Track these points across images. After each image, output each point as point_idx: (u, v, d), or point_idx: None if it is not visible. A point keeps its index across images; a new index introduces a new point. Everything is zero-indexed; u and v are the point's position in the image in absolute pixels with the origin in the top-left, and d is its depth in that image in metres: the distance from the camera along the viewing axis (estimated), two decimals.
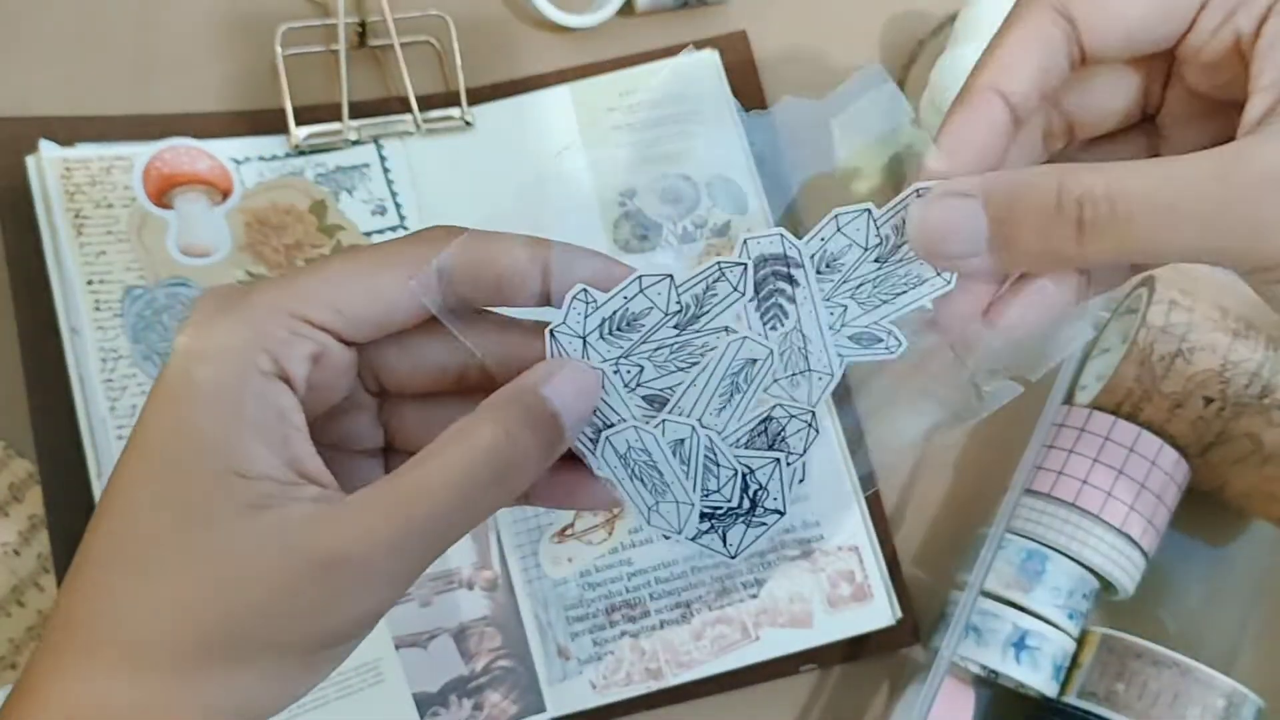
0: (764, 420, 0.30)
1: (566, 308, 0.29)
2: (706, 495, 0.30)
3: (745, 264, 0.30)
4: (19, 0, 0.54)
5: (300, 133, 0.51)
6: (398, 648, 0.48)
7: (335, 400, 0.30)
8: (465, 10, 0.55)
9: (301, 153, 0.52)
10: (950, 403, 0.33)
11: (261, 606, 0.26)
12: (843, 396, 0.51)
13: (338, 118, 0.52)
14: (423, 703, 0.47)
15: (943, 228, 0.28)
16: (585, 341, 0.30)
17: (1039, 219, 0.27)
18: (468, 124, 0.53)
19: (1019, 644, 0.47)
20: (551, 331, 0.30)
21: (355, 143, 0.52)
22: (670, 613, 0.49)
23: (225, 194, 0.50)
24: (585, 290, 0.29)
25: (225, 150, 0.51)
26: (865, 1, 0.58)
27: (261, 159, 0.51)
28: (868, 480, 0.47)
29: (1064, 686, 0.48)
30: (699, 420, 0.30)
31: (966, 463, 0.52)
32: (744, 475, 0.30)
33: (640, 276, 0.30)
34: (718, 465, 0.30)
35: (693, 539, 0.31)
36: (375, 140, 0.52)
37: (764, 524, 0.31)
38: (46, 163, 0.49)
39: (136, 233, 0.49)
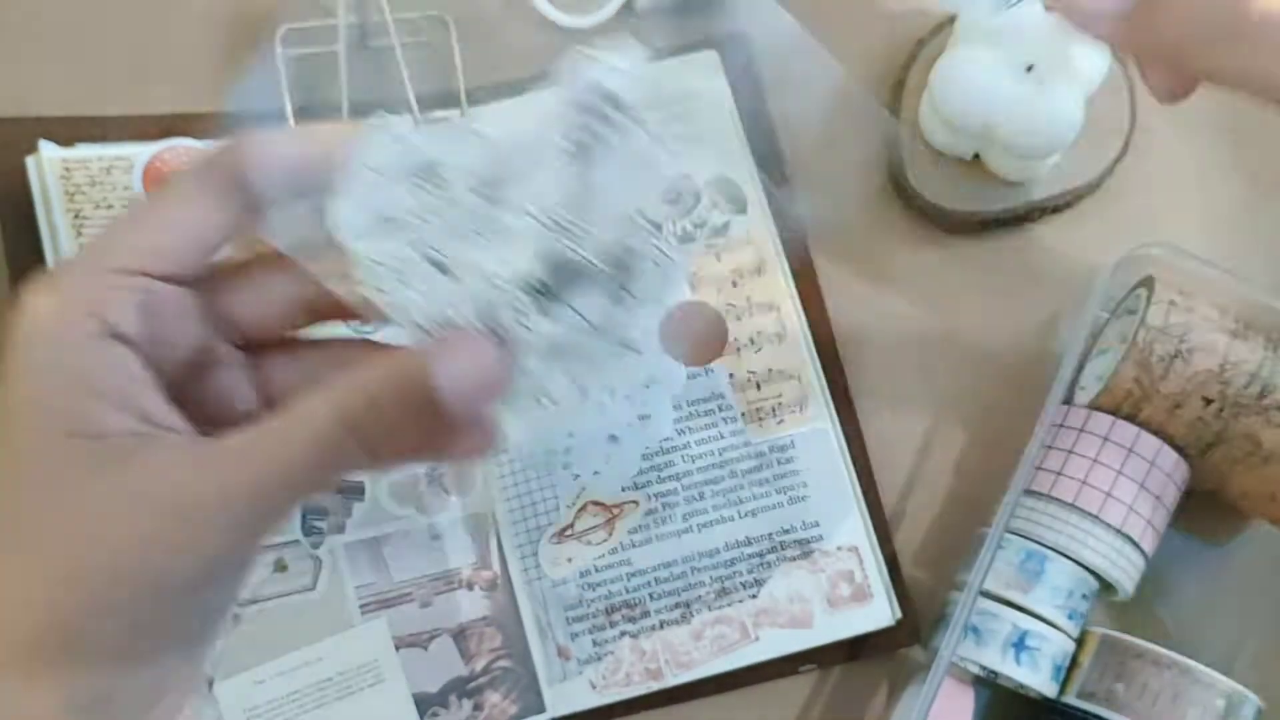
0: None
1: (369, 139, 0.28)
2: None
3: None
4: (20, 1, 0.54)
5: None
6: (397, 648, 0.48)
7: (188, 348, 0.30)
8: (465, 11, 0.55)
9: None
10: None
11: (115, 560, 0.26)
12: (843, 404, 0.51)
13: (338, 118, 0.52)
14: (422, 703, 0.48)
15: None
16: (383, 180, 0.28)
17: None
18: None
19: (1018, 644, 0.47)
20: (352, 164, 0.28)
21: None
22: (670, 613, 0.49)
23: None
24: (385, 117, 0.29)
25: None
26: (865, 2, 0.58)
27: None
28: None
29: (1064, 687, 0.48)
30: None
31: (966, 463, 0.52)
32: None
33: (437, 120, 0.29)
34: (529, 329, 0.28)
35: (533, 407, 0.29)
36: None
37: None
38: (46, 163, 0.49)
39: None
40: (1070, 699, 0.47)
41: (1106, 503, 0.47)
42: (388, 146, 0.28)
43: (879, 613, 0.49)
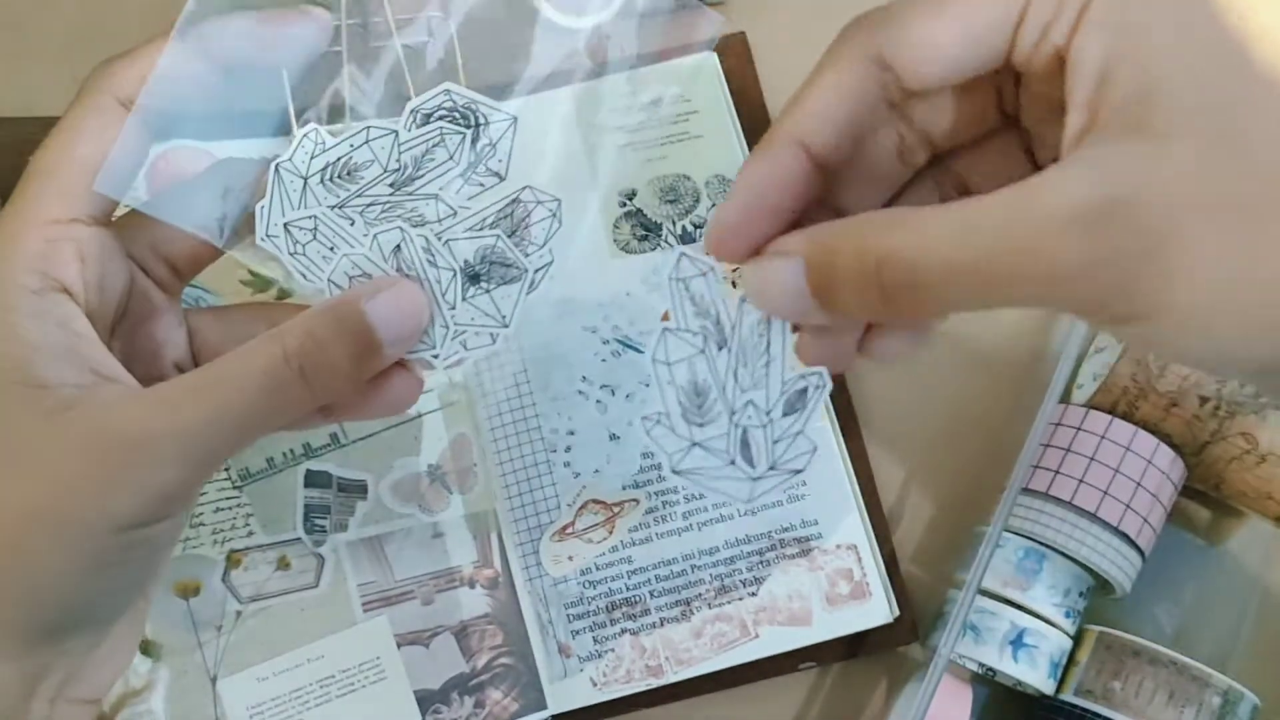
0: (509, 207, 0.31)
1: (295, 145, 0.30)
2: (444, 295, 0.31)
3: (464, 133, 0.31)
4: (22, 1, 0.54)
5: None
6: (399, 645, 0.48)
7: (121, 290, 0.31)
8: (466, 11, 0.55)
9: None
10: None
11: (71, 500, 0.27)
12: (841, 403, 0.52)
13: (340, 119, 0.52)
14: (424, 700, 0.48)
15: (769, 290, 0.28)
16: (306, 183, 0.31)
17: (853, 280, 0.25)
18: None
19: (1016, 642, 0.47)
20: (276, 166, 0.30)
21: None
22: (670, 610, 0.49)
23: None
24: (315, 129, 0.30)
25: (228, 151, 0.51)
26: (864, 3, 0.58)
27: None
28: None
29: (1061, 684, 0.48)
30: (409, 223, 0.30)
31: (964, 461, 0.53)
32: (464, 268, 0.31)
33: (369, 126, 0.31)
34: (437, 265, 0.31)
35: (460, 339, 0.31)
36: None
37: (532, 282, 0.31)
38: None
39: None
40: (1068, 696, 0.47)
41: (1104, 501, 0.48)
42: (306, 149, 0.31)
43: (878, 610, 0.49)
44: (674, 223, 0.53)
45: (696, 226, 0.53)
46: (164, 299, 0.33)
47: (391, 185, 0.31)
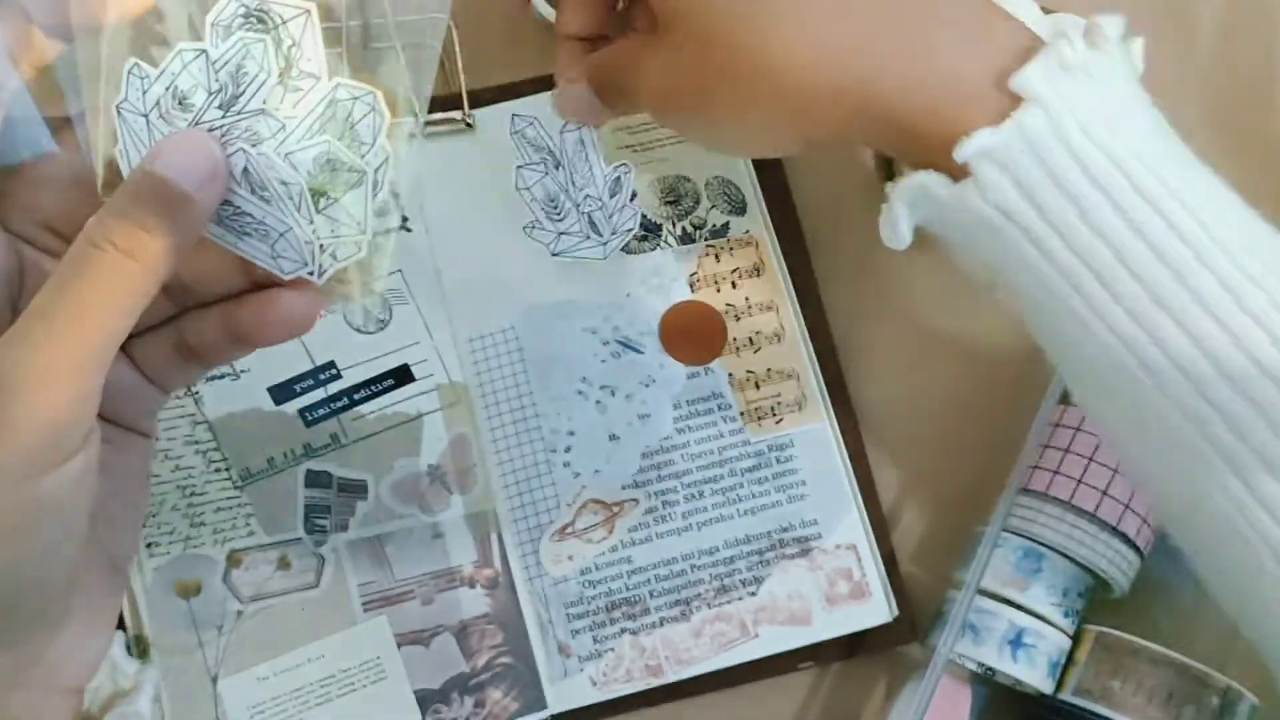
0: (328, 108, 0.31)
1: (124, 84, 0.30)
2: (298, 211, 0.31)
3: (264, 39, 0.30)
4: None
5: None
6: (399, 645, 0.48)
7: (4, 267, 0.31)
8: (467, 12, 0.55)
9: None
10: None
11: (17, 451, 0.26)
12: (841, 403, 0.52)
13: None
14: (424, 700, 0.48)
15: (570, 108, 0.42)
16: (148, 120, 0.30)
17: (608, 90, 0.40)
18: (469, 126, 0.53)
19: (1015, 641, 0.47)
20: (117, 108, 0.30)
21: None
22: (670, 610, 0.49)
23: None
24: (138, 65, 0.30)
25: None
26: None
27: None
28: None
29: (1060, 684, 0.48)
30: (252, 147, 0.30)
31: (963, 461, 0.53)
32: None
33: (180, 50, 0.30)
34: (285, 182, 0.30)
35: (329, 252, 0.31)
36: None
37: (375, 182, 0.31)
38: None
39: None
40: (1066, 696, 0.48)
41: (1103, 501, 0.48)
42: (137, 86, 0.30)
43: (877, 610, 0.50)
44: (674, 223, 0.53)
45: (697, 228, 0.53)
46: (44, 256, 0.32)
47: (220, 107, 0.30)
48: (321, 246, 0.31)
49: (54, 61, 0.32)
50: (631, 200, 0.49)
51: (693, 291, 0.52)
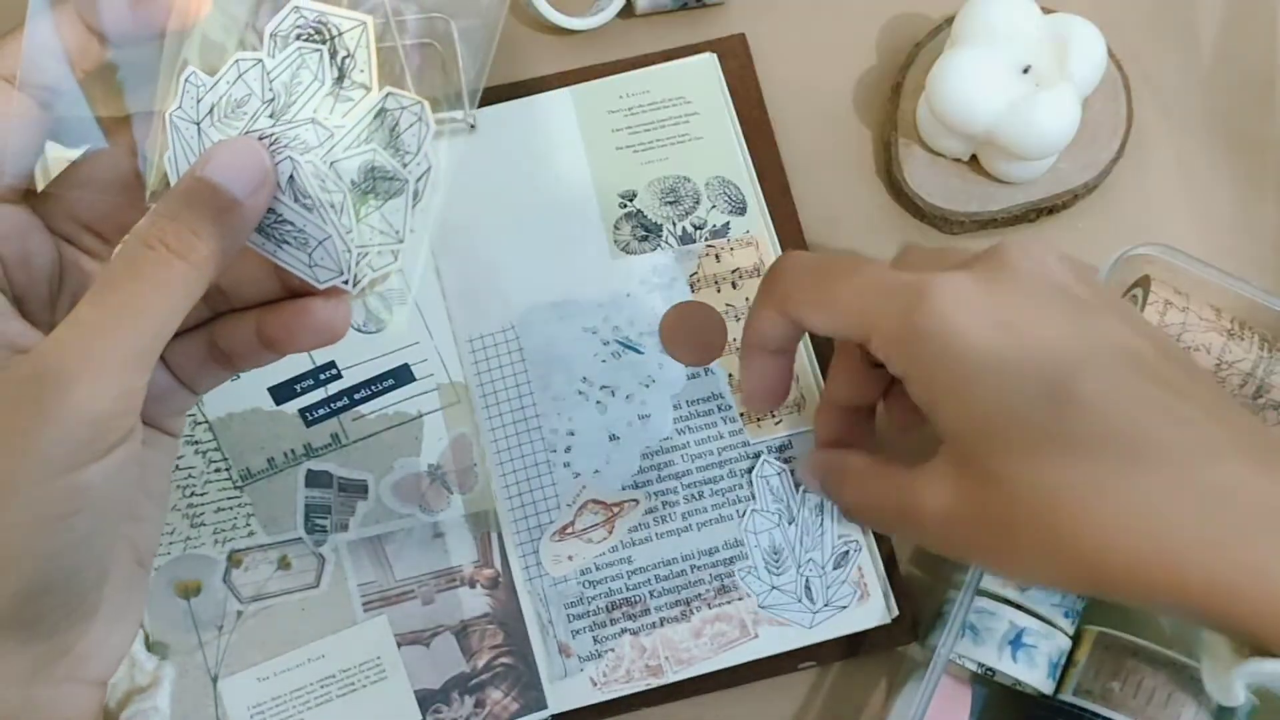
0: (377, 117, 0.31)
1: (180, 92, 0.30)
2: (339, 218, 0.31)
3: (320, 49, 0.31)
4: (24, 1, 0.54)
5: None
6: (400, 645, 0.48)
7: (47, 265, 0.31)
8: (467, 12, 0.55)
9: None
10: None
11: (44, 458, 0.26)
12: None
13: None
14: (424, 700, 0.48)
15: (812, 487, 0.49)
16: (199, 127, 0.31)
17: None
18: (471, 126, 0.53)
19: (1015, 642, 0.47)
20: (169, 117, 0.31)
21: None
22: (670, 610, 0.49)
23: None
24: (194, 73, 0.30)
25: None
26: (863, 4, 0.58)
27: None
28: None
29: (1060, 684, 0.48)
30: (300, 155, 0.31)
31: None
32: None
33: (238, 60, 0.31)
34: (329, 190, 0.31)
35: (365, 261, 0.32)
36: None
37: (416, 192, 0.31)
38: (52, 164, 0.49)
39: None
40: (1066, 696, 0.48)
41: None
42: (191, 94, 0.31)
43: (877, 610, 0.50)
44: (674, 224, 0.53)
45: (697, 228, 0.53)
46: (98, 268, 0.33)
47: (271, 116, 0.31)
48: (359, 256, 0.31)
49: (110, 64, 0.32)
50: (848, 573, 0.49)
51: (693, 291, 0.52)
